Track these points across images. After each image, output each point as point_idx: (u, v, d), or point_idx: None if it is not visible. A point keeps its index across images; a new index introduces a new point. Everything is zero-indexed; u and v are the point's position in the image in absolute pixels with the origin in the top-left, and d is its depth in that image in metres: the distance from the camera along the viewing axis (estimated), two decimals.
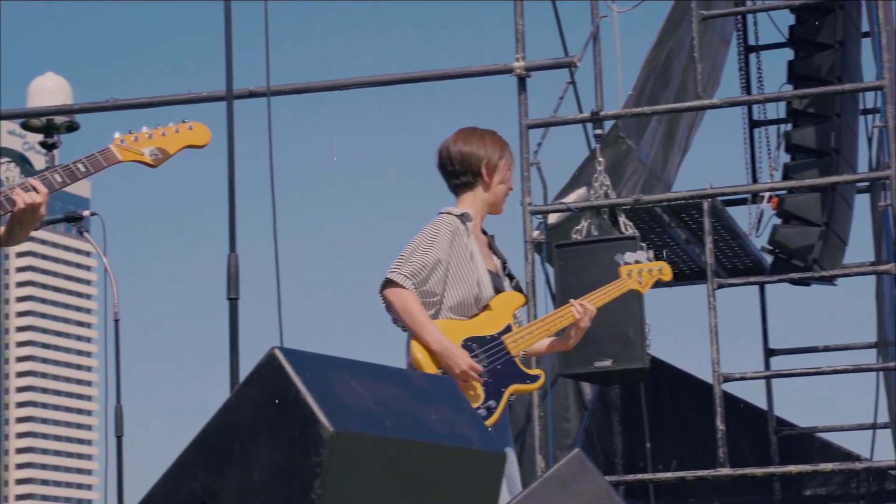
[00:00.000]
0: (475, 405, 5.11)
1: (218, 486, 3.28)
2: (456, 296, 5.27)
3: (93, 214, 8.07)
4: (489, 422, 5.15)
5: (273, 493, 3.23)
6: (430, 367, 5.16)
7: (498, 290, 5.35)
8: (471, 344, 5.22)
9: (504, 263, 5.44)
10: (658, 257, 6.02)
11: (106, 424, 7.17)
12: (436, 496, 3.72)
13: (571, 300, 5.52)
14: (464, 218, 5.21)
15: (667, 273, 5.78)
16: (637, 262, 5.86)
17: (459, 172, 5.28)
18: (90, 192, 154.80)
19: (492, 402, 5.20)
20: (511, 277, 5.44)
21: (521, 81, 8.47)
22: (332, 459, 3.21)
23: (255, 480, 3.24)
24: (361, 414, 3.44)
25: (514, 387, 5.31)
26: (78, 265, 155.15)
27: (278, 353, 3.30)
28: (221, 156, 5.71)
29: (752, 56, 10.00)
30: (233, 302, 5.59)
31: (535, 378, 5.34)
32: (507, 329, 5.30)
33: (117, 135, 4.16)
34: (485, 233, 5.46)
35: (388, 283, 5.09)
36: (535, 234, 8.39)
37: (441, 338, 5.13)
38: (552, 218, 8.52)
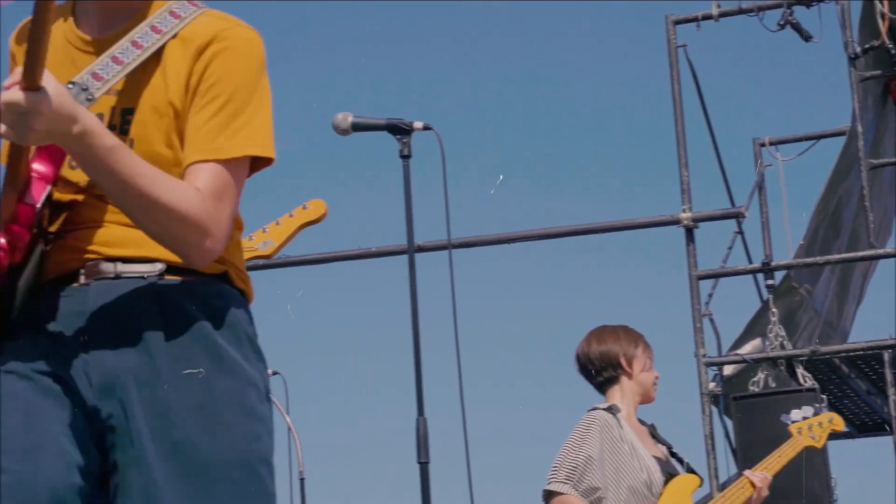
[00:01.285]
0: None
1: None
2: (623, 487, 5.27)
3: (274, 374, 8.12)
4: None
5: None
6: None
7: (670, 474, 5.34)
8: None
9: (670, 449, 5.45)
10: (824, 409, 6.25)
11: None
12: None
13: (745, 473, 5.52)
14: (612, 410, 5.25)
15: (838, 423, 5.82)
16: (805, 418, 5.84)
17: (600, 369, 5.32)
18: None
19: None
20: (681, 461, 5.43)
21: (689, 232, 8.30)
22: None
23: None
24: None
25: None
26: None
27: None
28: (405, 310, 5.64)
29: None
30: (423, 466, 5.59)
31: None
32: None
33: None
34: (643, 422, 5.47)
35: (550, 495, 5.18)
36: (712, 385, 8.16)
37: None
38: (727, 369, 8.32)
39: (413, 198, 5.52)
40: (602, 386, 5.43)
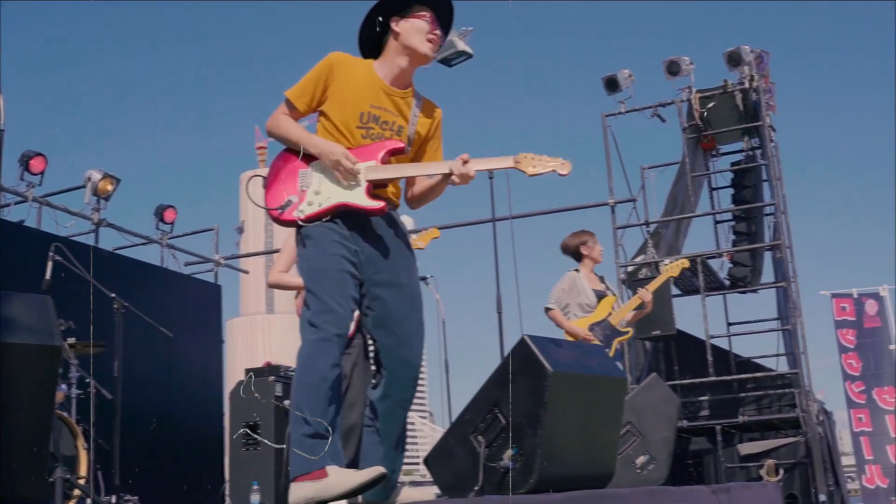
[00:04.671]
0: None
1: (500, 397, 3.87)
2: (577, 307, 6.57)
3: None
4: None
5: (526, 400, 3.76)
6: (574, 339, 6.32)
7: (601, 297, 6.60)
8: (594, 327, 6.51)
9: (608, 286, 6.75)
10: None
11: None
12: (599, 400, 4.17)
13: (639, 290, 6.49)
14: (577, 270, 6.63)
15: (680, 264, 6.89)
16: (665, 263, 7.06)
17: (570, 250, 6.70)
18: None
19: (608, 350, 6.36)
20: (612, 292, 6.80)
21: (612, 209, 10.44)
22: (551, 383, 3.75)
23: (517, 395, 3.77)
24: (564, 363, 3.84)
25: (616, 340, 6.53)
26: None
27: (527, 338, 3.79)
28: None
29: (714, 192, 11.50)
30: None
31: (626, 332, 6.59)
32: (609, 314, 6.56)
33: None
34: (597, 274, 6.76)
35: (547, 310, 6.56)
36: (622, 276, 10.19)
37: (569, 325, 6.37)
38: (629, 268, 10.25)
39: None
40: (574, 258, 6.66)
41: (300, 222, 3.22)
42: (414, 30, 3.36)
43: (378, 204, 3.25)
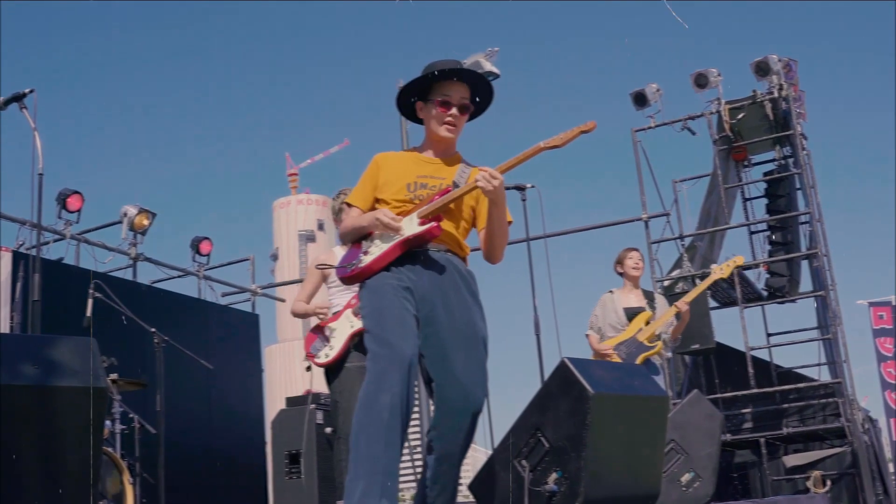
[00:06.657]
0: None
1: (542, 420, 3.84)
2: (609, 327, 6.64)
3: None
4: None
5: (568, 422, 3.73)
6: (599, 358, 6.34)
7: (635, 314, 6.54)
8: (619, 346, 6.49)
9: (650, 301, 6.68)
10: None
11: None
12: (642, 420, 4.07)
13: (676, 303, 6.26)
14: (611, 291, 6.62)
15: (729, 268, 6.90)
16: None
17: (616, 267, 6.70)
18: None
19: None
20: (652, 306, 6.67)
21: (646, 224, 10.52)
22: (593, 405, 3.71)
23: (559, 417, 3.76)
24: (605, 384, 3.80)
25: (641, 356, 6.43)
26: None
27: (566, 361, 3.82)
28: None
29: (748, 203, 11.59)
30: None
31: (653, 347, 6.39)
32: (639, 331, 6.49)
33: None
34: (644, 290, 6.72)
35: (588, 337, 6.66)
36: (659, 291, 9.85)
37: (595, 346, 6.52)
38: (666, 282, 10.39)
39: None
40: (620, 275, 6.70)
41: (359, 269, 3.34)
42: (431, 116, 3.51)
43: (430, 224, 3.31)
